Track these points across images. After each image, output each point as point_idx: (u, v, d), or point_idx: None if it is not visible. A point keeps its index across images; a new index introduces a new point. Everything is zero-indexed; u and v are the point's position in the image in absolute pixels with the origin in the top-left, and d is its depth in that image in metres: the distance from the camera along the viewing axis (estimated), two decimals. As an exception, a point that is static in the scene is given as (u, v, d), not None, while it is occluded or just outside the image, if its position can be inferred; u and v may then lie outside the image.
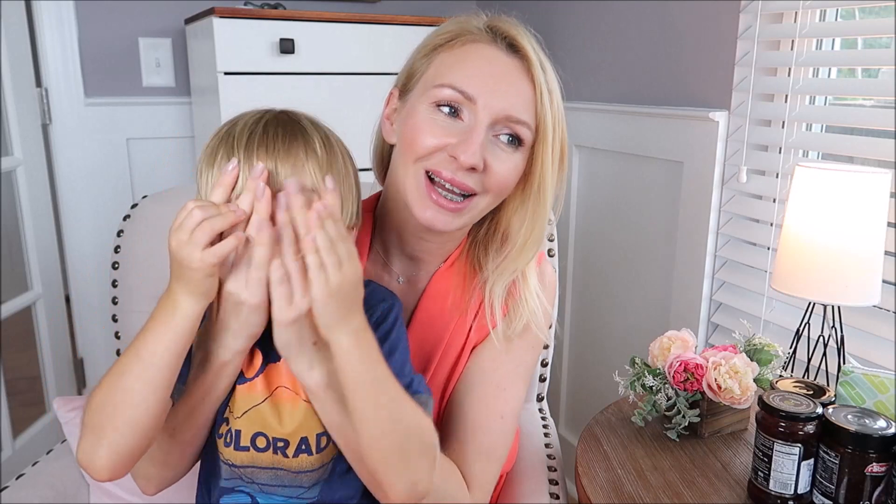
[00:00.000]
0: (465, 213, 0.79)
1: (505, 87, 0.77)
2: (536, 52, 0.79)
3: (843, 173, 1.04)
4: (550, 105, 0.78)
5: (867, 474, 0.80)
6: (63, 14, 1.95)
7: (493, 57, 0.78)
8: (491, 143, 0.77)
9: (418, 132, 0.77)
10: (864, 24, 1.29)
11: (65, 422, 1.08)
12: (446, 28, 0.81)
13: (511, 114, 0.77)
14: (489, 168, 0.77)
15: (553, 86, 0.79)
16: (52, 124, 2.00)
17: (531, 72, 0.78)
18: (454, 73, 0.77)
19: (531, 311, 0.86)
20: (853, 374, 0.95)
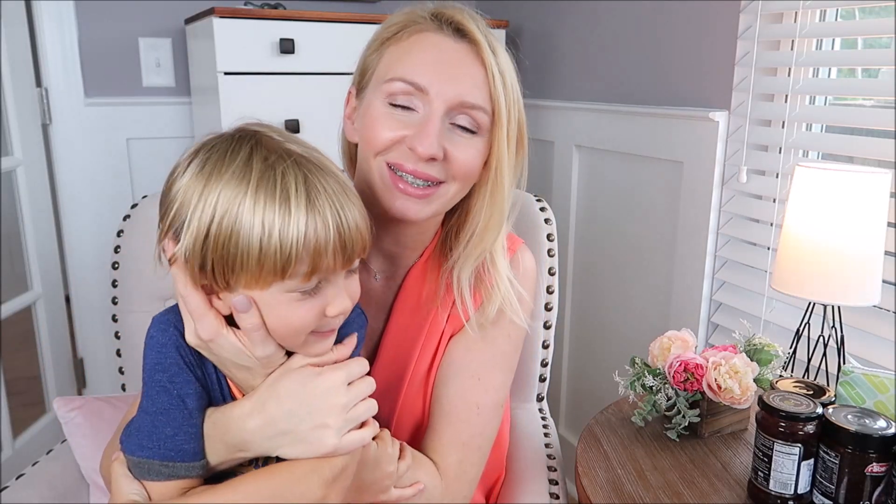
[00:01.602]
0: (434, 200, 0.79)
1: (455, 73, 0.76)
2: (485, 34, 0.78)
3: (843, 173, 1.04)
4: (504, 87, 0.78)
5: (867, 474, 0.80)
6: (63, 14, 1.95)
7: (441, 44, 0.77)
8: (449, 130, 0.77)
9: (375, 127, 0.77)
10: (864, 24, 1.29)
11: (65, 422, 1.08)
12: (393, 20, 0.81)
13: (465, 99, 0.76)
14: (450, 156, 0.77)
15: (505, 67, 0.78)
16: (52, 124, 2.00)
17: (481, 55, 0.77)
18: (403, 65, 0.77)
19: (504, 296, 0.85)
20: (853, 374, 0.95)
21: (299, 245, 0.59)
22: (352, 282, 0.68)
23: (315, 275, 0.62)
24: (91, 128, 2.04)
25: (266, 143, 0.63)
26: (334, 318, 0.66)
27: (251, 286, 0.62)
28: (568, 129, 1.88)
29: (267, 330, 0.65)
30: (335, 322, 0.68)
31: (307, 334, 0.66)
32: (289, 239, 0.59)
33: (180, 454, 0.67)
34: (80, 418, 1.07)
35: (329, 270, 0.63)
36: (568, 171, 1.89)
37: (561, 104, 1.90)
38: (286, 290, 0.63)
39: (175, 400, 0.67)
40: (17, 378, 2.06)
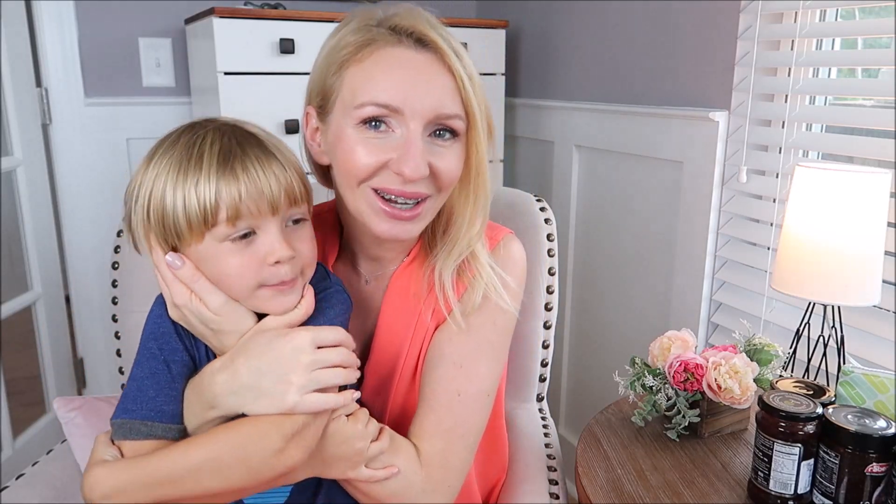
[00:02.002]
0: (423, 217, 0.80)
1: (425, 87, 0.74)
2: (447, 39, 0.76)
3: (843, 173, 1.04)
4: (474, 90, 0.77)
5: (867, 474, 0.80)
6: (63, 14, 1.95)
7: (404, 59, 0.75)
8: (429, 143, 0.76)
9: (354, 155, 0.75)
10: (864, 24, 1.29)
11: (65, 422, 1.08)
12: (348, 39, 0.77)
13: (441, 112, 0.75)
14: (435, 169, 0.77)
15: (471, 69, 0.77)
16: (52, 124, 2.00)
17: (447, 62, 0.75)
18: (370, 88, 0.74)
19: (487, 282, 0.85)
20: (853, 374, 0.95)
21: (215, 195, 0.67)
22: (296, 233, 0.72)
23: (239, 220, 0.68)
24: (91, 128, 2.04)
25: (199, 122, 0.72)
26: (275, 266, 0.69)
27: (191, 243, 0.69)
28: (568, 129, 1.88)
29: (210, 282, 0.71)
30: (281, 272, 0.70)
31: (258, 288, 0.70)
32: (204, 193, 0.67)
33: (160, 415, 0.71)
34: (80, 418, 1.08)
35: (254, 216, 0.68)
36: (568, 171, 1.89)
37: (561, 104, 1.90)
38: (219, 240, 0.69)
39: (161, 365, 0.72)
40: (17, 378, 2.06)
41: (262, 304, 0.72)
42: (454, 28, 2.03)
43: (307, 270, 0.74)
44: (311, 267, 0.75)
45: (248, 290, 0.70)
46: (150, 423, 0.71)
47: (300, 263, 0.72)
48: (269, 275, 0.70)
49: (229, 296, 0.71)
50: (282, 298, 0.71)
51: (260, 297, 0.71)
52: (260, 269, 0.69)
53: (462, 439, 0.84)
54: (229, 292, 0.71)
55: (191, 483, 0.68)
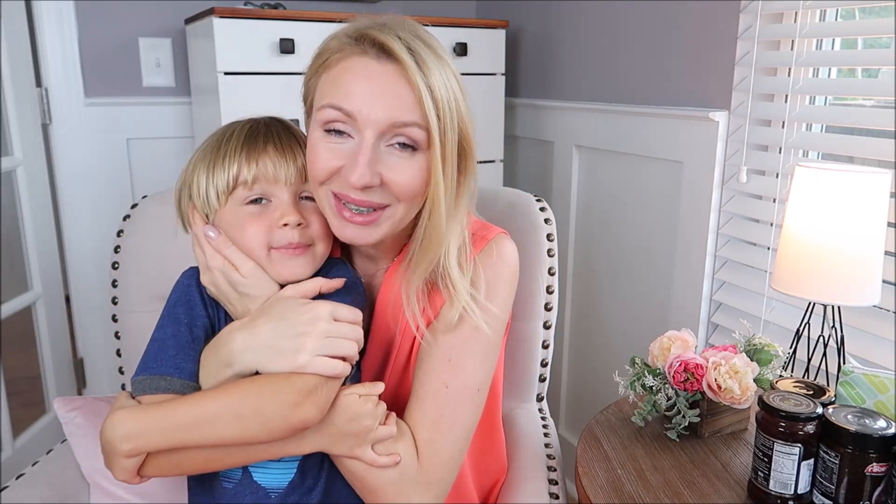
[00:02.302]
0: (381, 224, 0.81)
1: (381, 96, 0.75)
2: (413, 51, 0.76)
3: (843, 173, 1.04)
4: (436, 105, 0.76)
5: (867, 474, 0.81)
6: (63, 14, 1.95)
7: (365, 68, 0.76)
8: (385, 154, 0.77)
9: (313, 157, 0.79)
10: (864, 24, 1.29)
11: (65, 422, 1.08)
12: (327, 45, 0.81)
13: (395, 120, 0.75)
14: (387, 180, 0.77)
15: (436, 82, 0.76)
16: (52, 124, 2.00)
17: (406, 75, 0.75)
18: (333, 92, 0.77)
19: (465, 304, 0.84)
20: (853, 374, 0.95)
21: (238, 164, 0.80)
22: (309, 207, 0.82)
23: (255, 185, 0.80)
24: (91, 128, 2.04)
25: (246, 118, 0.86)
26: (284, 229, 0.79)
27: (219, 211, 0.81)
28: (568, 129, 1.88)
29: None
30: (288, 234, 0.79)
31: (270, 250, 0.80)
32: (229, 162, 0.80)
33: (178, 370, 0.77)
34: (80, 418, 1.08)
35: (269, 183, 0.80)
36: (568, 171, 1.89)
37: (561, 104, 1.90)
38: (238, 203, 0.80)
39: (184, 328, 0.80)
40: (17, 378, 2.06)
41: (275, 267, 0.80)
42: (454, 28, 2.02)
43: (319, 244, 0.83)
44: (323, 241, 0.83)
45: (263, 252, 0.79)
46: (169, 378, 0.76)
47: (310, 233, 0.81)
48: (279, 236, 0.79)
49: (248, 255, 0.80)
50: (292, 262, 0.80)
51: (273, 260, 0.80)
52: (270, 231, 0.79)
53: (449, 432, 0.84)
54: (247, 252, 0.80)
55: (207, 430, 0.72)
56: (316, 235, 0.82)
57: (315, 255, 0.82)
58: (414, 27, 0.79)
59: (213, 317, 0.83)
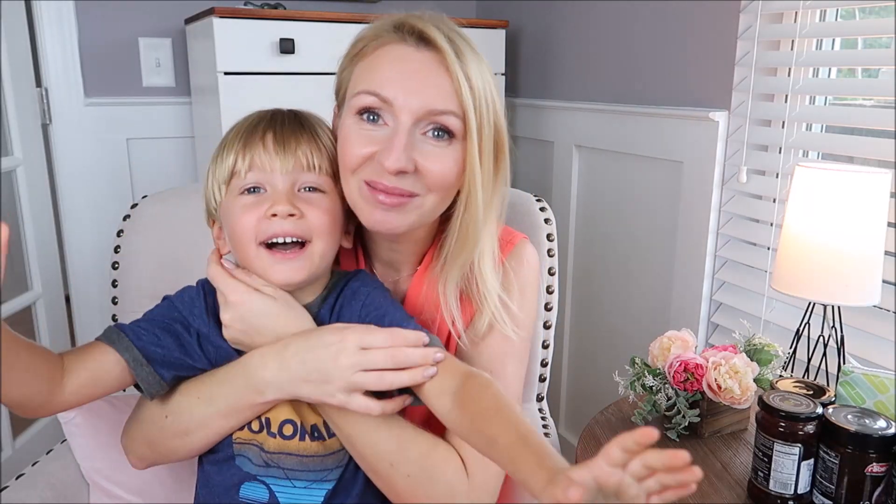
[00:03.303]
0: (410, 210, 0.78)
1: (420, 83, 0.75)
2: (452, 41, 0.76)
3: (843, 173, 1.04)
4: (472, 93, 0.75)
5: (867, 474, 0.81)
6: (63, 14, 1.95)
7: (404, 55, 0.76)
8: (420, 141, 0.76)
9: (347, 144, 0.77)
10: (864, 24, 1.29)
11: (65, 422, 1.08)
12: (360, 35, 0.81)
13: (432, 107, 0.74)
14: (421, 168, 0.76)
15: (473, 73, 0.76)
16: (52, 124, 2.00)
17: (445, 63, 0.75)
18: (369, 78, 0.76)
19: (493, 311, 0.84)
20: (853, 374, 0.95)
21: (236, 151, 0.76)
22: (308, 199, 0.76)
23: (250, 172, 0.75)
24: (91, 128, 2.04)
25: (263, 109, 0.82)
26: (272, 219, 0.73)
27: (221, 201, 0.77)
28: (568, 129, 1.88)
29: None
30: (276, 225, 0.73)
31: (258, 246, 0.74)
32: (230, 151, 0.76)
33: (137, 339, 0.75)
34: (80, 418, 1.07)
35: (264, 172, 0.75)
36: (568, 171, 1.89)
37: (561, 104, 1.90)
38: (235, 192, 0.76)
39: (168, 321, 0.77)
40: (17, 378, 2.05)
41: (263, 266, 0.74)
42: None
43: (318, 241, 0.75)
44: (323, 239, 0.75)
45: (252, 247, 0.74)
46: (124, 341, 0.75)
47: (306, 227, 0.74)
48: (266, 227, 0.73)
49: (237, 252, 0.76)
50: (280, 266, 0.74)
51: (261, 259, 0.74)
52: (260, 221, 0.73)
53: None
54: (238, 247, 0.76)
55: None
56: (314, 229, 0.74)
57: (312, 255, 0.75)
58: (452, 23, 0.79)
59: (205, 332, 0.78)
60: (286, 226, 0.73)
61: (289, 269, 0.74)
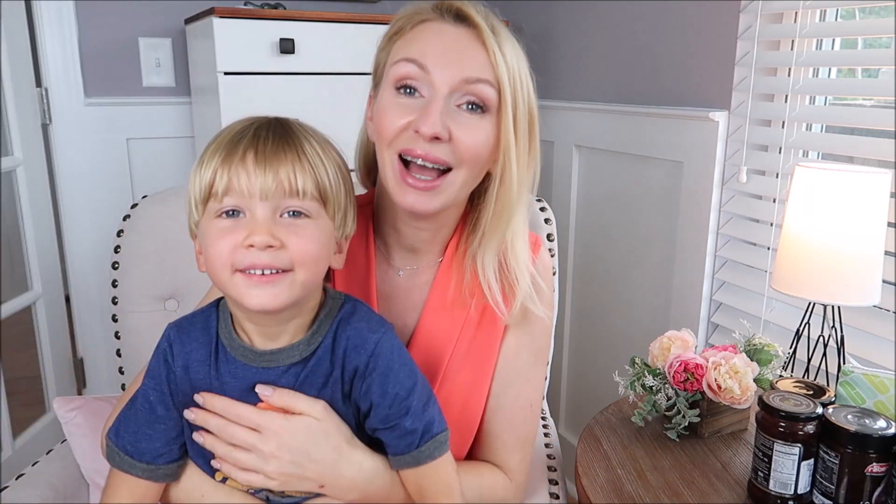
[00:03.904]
0: (441, 191, 0.79)
1: (457, 54, 0.78)
2: (487, 18, 0.79)
3: (843, 173, 1.04)
4: (507, 67, 0.78)
5: (867, 474, 0.80)
6: (63, 14, 1.95)
7: (442, 30, 0.79)
8: (454, 112, 0.78)
9: (384, 116, 0.79)
10: (864, 24, 1.29)
11: (65, 422, 1.08)
12: (399, 15, 0.83)
13: (467, 75, 0.77)
14: (455, 137, 0.77)
15: (508, 50, 0.79)
16: (52, 124, 2.00)
17: (481, 37, 0.78)
18: (407, 48, 0.79)
19: (525, 290, 0.86)
20: (853, 374, 0.95)
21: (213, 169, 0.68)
22: (292, 226, 0.68)
23: (227, 196, 0.68)
24: (91, 128, 2.04)
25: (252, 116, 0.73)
26: (249, 249, 0.67)
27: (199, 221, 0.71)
28: (568, 129, 1.88)
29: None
30: (253, 256, 0.67)
31: (234, 272, 0.68)
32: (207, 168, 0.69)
33: (136, 451, 0.75)
34: (80, 418, 1.07)
35: (243, 196, 0.67)
36: (568, 171, 1.89)
37: (561, 104, 1.90)
38: (211, 215, 0.69)
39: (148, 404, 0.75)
40: (17, 378, 2.06)
41: (237, 292, 0.68)
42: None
43: (300, 270, 0.68)
44: (306, 268, 0.68)
45: (226, 273, 0.68)
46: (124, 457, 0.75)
47: (286, 259, 0.67)
48: (242, 256, 0.67)
49: (213, 278, 0.70)
50: (255, 291, 0.67)
51: (236, 285, 0.68)
52: (235, 250, 0.67)
53: (531, 445, 0.93)
54: (212, 273, 0.69)
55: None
56: (296, 260, 0.68)
57: (294, 283, 0.68)
58: (487, 9, 0.82)
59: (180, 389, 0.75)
60: (263, 257, 0.66)
61: (265, 295, 0.67)
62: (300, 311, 0.72)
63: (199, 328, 0.75)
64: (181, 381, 0.74)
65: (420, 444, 0.75)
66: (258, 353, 0.73)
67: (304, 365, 0.73)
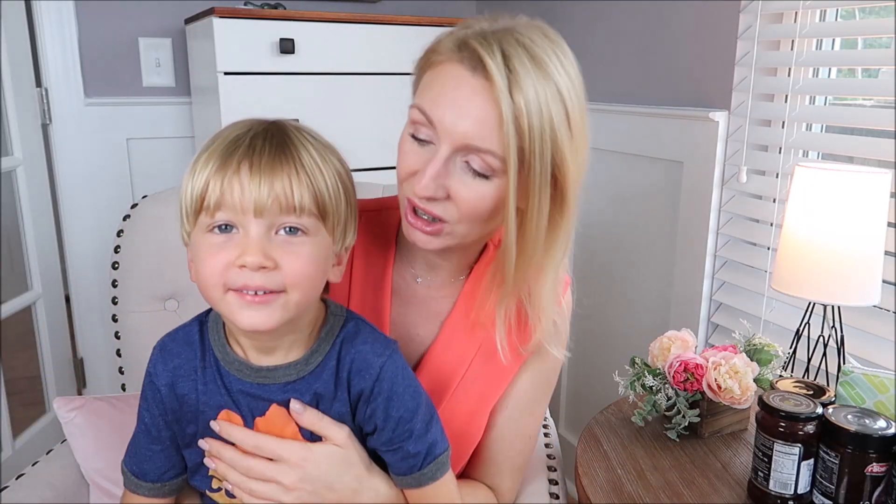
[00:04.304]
0: (441, 237, 0.77)
1: (465, 112, 0.71)
2: (511, 69, 0.69)
3: (843, 173, 1.04)
4: (518, 132, 0.69)
5: (867, 474, 0.80)
6: (63, 14, 1.95)
7: (458, 78, 0.72)
8: (461, 168, 0.73)
9: (399, 154, 0.76)
10: (864, 24, 1.29)
11: (65, 422, 1.08)
12: (434, 42, 0.77)
13: (469, 143, 0.71)
14: (453, 195, 0.73)
15: (530, 102, 0.69)
16: (52, 124, 2.00)
17: (494, 94, 0.69)
18: (424, 94, 0.75)
19: (545, 333, 0.86)
20: (853, 374, 0.95)
21: (204, 181, 0.65)
22: (287, 245, 0.65)
23: (219, 211, 0.64)
24: (91, 128, 2.04)
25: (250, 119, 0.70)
26: (242, 269, 0.64)
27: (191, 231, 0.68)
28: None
29: None
30: (245, 276, 0.64)
31: (226, 291, 0.65)
32: (199, 178, 0.65)
33: (142, 473, 0.77)
34: (80, 418, 1.07)
35: (235, 212, 0.64)
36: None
37: (561, 104, 1.90)
38: (203, 229, 0.66)
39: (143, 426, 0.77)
40: (17, 378, 2.06)
41: (230, 312, 0.66)
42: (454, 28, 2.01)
43: (293, 292, 0.65)
44: (299, 289, 0.66)
45: (218, 291, 0.65)
46: (135, 480, 0.78)
47: (279, 280, 0.64)
48: (234, 276, 0.64)
49: (204, 294, 0.68)
50: (248, 311, 0.65)
51: (228, 304, 0.65)
52: (228, 269, 0.64)
53: (522, 471, 0.95)
54: (204, 290, 0.67)
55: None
56: (289, 282, 0.65)
57: (287, 305, 0.65)
58: (530, 35, 0.72)
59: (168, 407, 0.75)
60: (256, 278, 0.64)
61: (258, 315, 0.65)
62: (295, 327, 0.71)
63: (181, 343, 0.75)
64: (168, 398, 0.74)
65: (422, 466, 0.75)
66: (254, 369, 0.72)
67: (304, 384, 0.72)
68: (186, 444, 0.76)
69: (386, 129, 1.86)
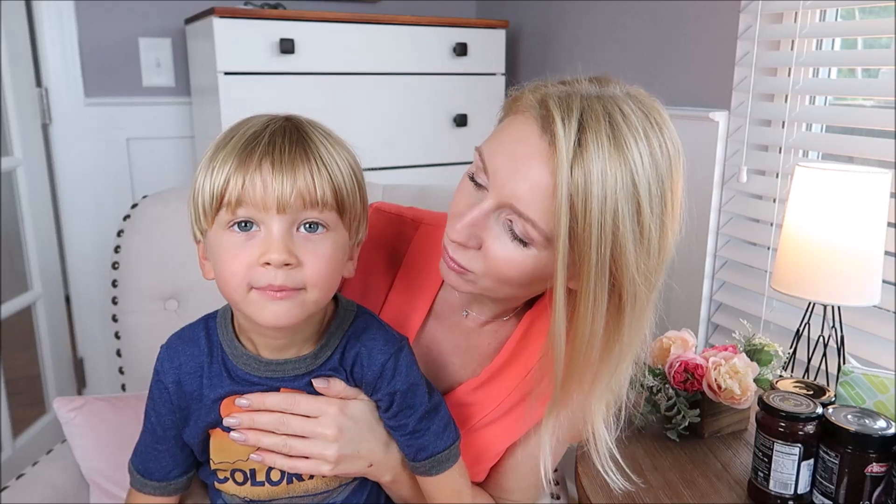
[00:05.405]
0: (468, 281, 0.73)
1: (518, 171, 0.66)
2: (582, 142, 0.63)
3: (843, 173, 1.04)
4: (570, 208, 0.63)
5: (867, 474, 0.81)
6: (63, 14, 1.95)
7: (525, 135, 0.67)
8: (502, 225, 0.69)
9: (456, 190, 0.73)
10: (864, 24, 1.29)
11: (65, 422, 1.08)
12: (522, 89, 0.73)
13: (515, 205, 0.66)
14: (486, 249, 0.70)
15: (593, 178, 0.62)
16: (52, 124, 2.00)
17: (553, 163, 0.64)
18: (491, 139, 0.71)
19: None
20: (853, 374, 0.95)
21: (224, 178, 0.64)
22: (309, 241, 0.65)
23: (239, 208, 0.64)
24: (91, 128, 2.04)
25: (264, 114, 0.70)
26: (265, 268, 0.64)
27: (207, 229, 0.67)
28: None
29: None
30: (269, 275, 0.64)
31: (249, 290, 0.65)
32: (218, 174, 0.64)
33: (146, 472, 0.78)
34: (80, 418, 1.07)
35: (257, 208, 0.63)
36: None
37: (561, 104, 1.90)
38: (222, 227, 0.65)
39: (150, 425, 0.77)
40: (17, 378, 2.06)
41: (253, 310, 0.65)
42: (454, 28, 2.01)
43: (312, 290, 0.65)
44: (318, 288, 0.66)
45: (241, 291, 0.65)
46: (140, 479, 0.79)
47: (300, 276, 0.64)
48: (259, 275, 0.64)
49: (225, 294, 0.67)
50: (272, 307, 0.64)
51: (251, 303, 0.65)
52: (251, 268, 0.64)
53: (538, 489, 0.91)
54: (225, 290, 0.66)
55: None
56: (309, 280, 0.65)
57: (305, 302, 0.66)
58: (624, 109, 0.66)
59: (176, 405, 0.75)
60: (279, 276, 0.63)
61: (280, 311, 0.65)
62: (310, 323, 0.71)
63: (188, 341, 0.75)
64: (175, 396, 0.74)
65: (430, 457, 0.77)
66: (264, 363, 0.72)
67: (312, 377, 0.73)
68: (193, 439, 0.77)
69: (386, 128, 1.87)
